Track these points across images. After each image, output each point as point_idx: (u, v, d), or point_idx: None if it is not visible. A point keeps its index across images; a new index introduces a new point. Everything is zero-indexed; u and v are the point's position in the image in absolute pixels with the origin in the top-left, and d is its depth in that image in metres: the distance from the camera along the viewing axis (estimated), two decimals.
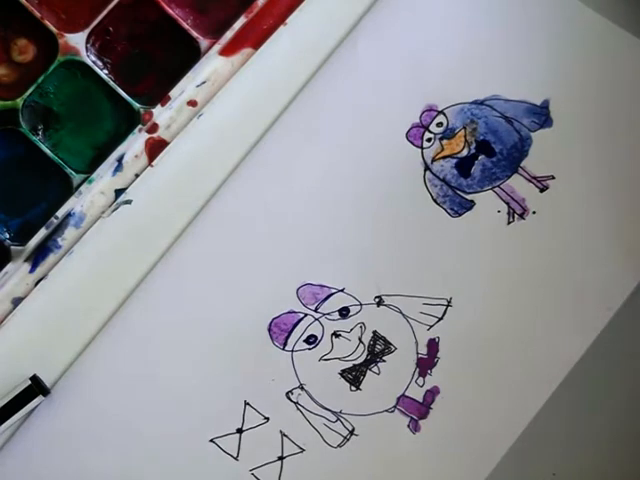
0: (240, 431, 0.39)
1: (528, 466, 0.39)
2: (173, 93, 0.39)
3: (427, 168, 0.39)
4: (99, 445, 0.38)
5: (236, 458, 0.39)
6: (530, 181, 0.39)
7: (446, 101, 0.39)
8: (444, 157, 0.39)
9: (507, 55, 0.39)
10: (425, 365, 0.39)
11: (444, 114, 0.39)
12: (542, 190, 0.39)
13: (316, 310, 0.39)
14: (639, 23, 0.39)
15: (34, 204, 0.40)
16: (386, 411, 0.39)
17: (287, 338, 0.39)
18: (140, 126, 0.39)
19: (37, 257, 0.39)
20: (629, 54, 0.39)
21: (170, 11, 0.39)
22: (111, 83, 0.39)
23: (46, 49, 0.39)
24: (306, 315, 0.39)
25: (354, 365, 0.39)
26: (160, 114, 0.39)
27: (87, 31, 0.39)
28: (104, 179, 0.39)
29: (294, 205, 0.39)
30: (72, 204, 0.39)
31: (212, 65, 0.39)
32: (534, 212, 0.39)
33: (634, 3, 0.39)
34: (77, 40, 0.39)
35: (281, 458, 0.39)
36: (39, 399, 0.38)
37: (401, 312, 0.39)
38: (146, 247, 0.39)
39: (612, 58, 0.39)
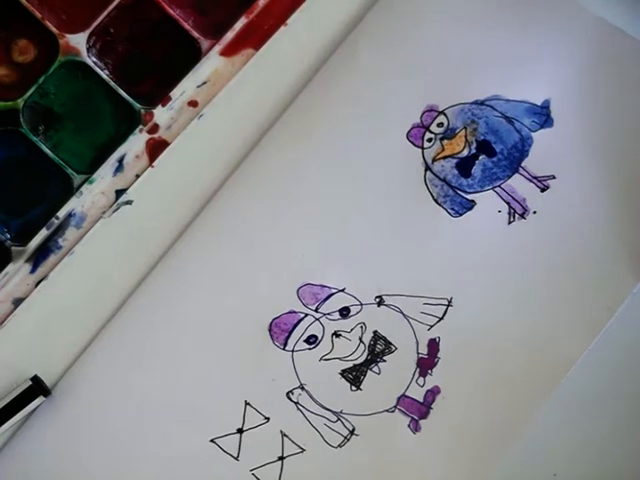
0: (240, 431, 0.39)
1: (528, 466, 0.39)
2: (174, 93, 0.39)
3: (428, 168, 0.39)
4: (100, 445, 0.39)
5: (236, 458, 0.39)
6: (531, 181, 0.39)
7: (447, 101, 0.39)
8: (445, 157, 0.39)
9: (507, 55, 0.39)
10: (426, 365, 0.39)
11: (445, 114, 0.39)
12: (543, 190, 0.39)
13: (316, 310, 0.39)
14: (639, 23, 0.39)
15: (35, 204, 0.40)
16: (386, 411, 0.39)
17: (287, 338, 0.39)
18: (141, 127, 0.39)
19: (38, 258, 0.39)
20: (629, 54, 0.39)
21: (171, 11, 0.39)
22: (112, 84, 0.39)
23: (47, 50, 0.39)
24: (306, 315, 0.39)
25: (354, 365, 0.39)
26: (161, 115, 0.39)
27: (88, 31, 0.39)
28: (105, 180, 0.39)
29: (294, 205, 0.39)
30: (73, 205, 0.39)
31: (213, 66, 0.39)
32: (535, 212, 0.39)
33: (634, 3, 0.39)
34: (78, 40, 0.39)
35: (281, 458, 0.39)
36: (40, 400, 0.38)
37: (402, 312, 0.39)
38: (147, 247, 0.39)
39: (612, 58, 0.39)
